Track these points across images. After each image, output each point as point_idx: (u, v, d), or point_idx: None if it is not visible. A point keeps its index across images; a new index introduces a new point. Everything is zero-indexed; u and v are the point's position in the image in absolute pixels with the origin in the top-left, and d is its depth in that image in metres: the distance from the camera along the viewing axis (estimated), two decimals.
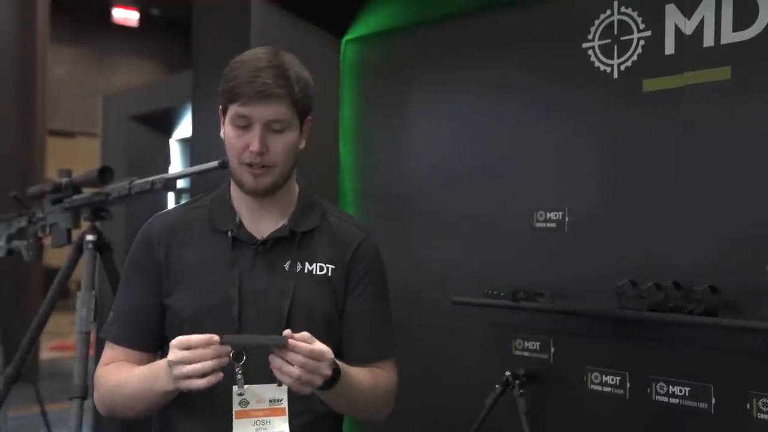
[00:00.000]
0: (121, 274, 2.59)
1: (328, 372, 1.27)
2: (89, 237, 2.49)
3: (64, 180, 2.57)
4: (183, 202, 1.57)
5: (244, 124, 1.38)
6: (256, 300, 1.42)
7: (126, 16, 9.95)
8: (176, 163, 4.54)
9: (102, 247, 2.52)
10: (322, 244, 1.49)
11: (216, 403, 1.35)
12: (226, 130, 1.41)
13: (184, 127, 4.40)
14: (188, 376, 1.25)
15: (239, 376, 1.30)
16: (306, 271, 1.45)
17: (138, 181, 2.38)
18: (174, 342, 1.27)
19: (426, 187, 2.58)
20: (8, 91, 6.91)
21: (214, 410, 1.36)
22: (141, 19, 10.20)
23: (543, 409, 2.23)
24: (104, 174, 2.46)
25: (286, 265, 1.44)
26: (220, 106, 1.43)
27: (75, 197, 2.54)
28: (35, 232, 2.74)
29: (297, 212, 1.49)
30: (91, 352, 2.46)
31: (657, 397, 2.01)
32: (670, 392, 1.98)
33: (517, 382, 2.19)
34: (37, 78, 7.11)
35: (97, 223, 2.53)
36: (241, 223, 1.45)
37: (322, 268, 1.47)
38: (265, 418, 1.33)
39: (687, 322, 1.89)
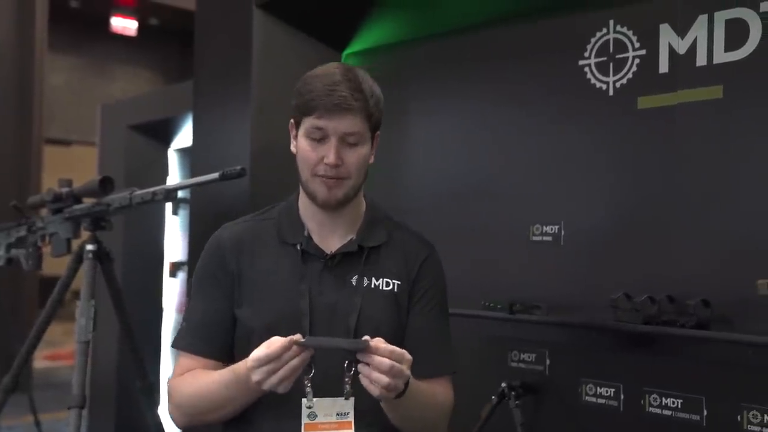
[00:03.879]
0: (121, 284, 2.63)
1: (408, 374, 1.27)
2: (89, 247, 2.51)
3: (65, 190, 2.59)
4: (251, 215, 1.56)
5: (319, 137, 1.40)
6: (324, 314, 1.42)
7: (124, 25, 9.96)
8: (174, 174, 4.55)
9: (102, 256, 2.53)
10: (389, 260, 1.49)
11: (285, 416, 1.36)
12: (300, 143, 1.42)
13: (183, 137, 4.42)
14: (280, 381, 1.25)
15: (308, 389, 1.31)
16: (373, 286, 1.46)
17: (139, 192, 2.40)
18: (252, 363, 1.25)
19: (423, 199, 2.61)
20: (5, 99, 6.93)
21: (283, 423, 1.37)
22: (139, 29, 10.22)
23: (538, 421, 2.25)
24: (105, 184, 2.48)
25: (353, 280, 1.45)
26: (291, 120, 1.45)
27: (75, 207, 2.56)
28: (35, 241, 2.75)
29: (364, 227, 1.50)
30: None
31: (650, 408, 2.03)
32: (663, 404, 2.01)
33: (513, 393, 2.21)
34: (34, 86, 7.13)
35: (97, 233, 2.54)
36: (309, 237, 1.46)
37: (388, 284, 1.47)
38: (332, 431, 1.34)
39: (680, 335, 1.92)
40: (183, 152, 4.50)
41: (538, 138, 2.31)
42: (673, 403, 1.99)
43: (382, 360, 1.23)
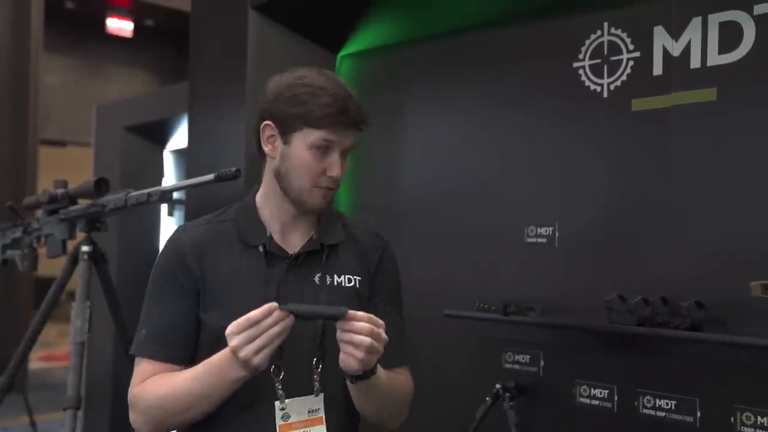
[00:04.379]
0: (116, 285, 2.63)
1: (386, 337, 1.30)
2: (85, 248, 2.51)
3: (60, 191, 2.59)
4: (206, 216, 1.54)
5: (324, 149, 1.40)
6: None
7: (120, 26, 9.95)
8: (170, 175, 4.55)
9: (97, 257, 2.53)
10: (348, 256, 1.52)
11: (258, 419, 1.37)
12: (300, 153, 1.40)
13: (179, 139, 4.41)
14: (258, 350, 1.25)
15: (279, 391, 1.36)
16: (336, 283, 1.48)
17: (134, 193, 2.40)
18: (231, 329, 1.26)
19: (419, 201, 2.62)
20: (1, 100, 6.91)
21: (253, 427, 1.38)
22: (135, 30, 10.21)
23: (532, 422, 2.26)
24: (100, 185, 2.49)
25: (317, 278, 1.47)
26: (269, 122, 1.42)
27: (71, 208, 2.56)
28: (30, 242, 2.75)
29: (323, 225, 1.51)
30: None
31: (644, 410, 2.04)
32: (657, 405, 2.02)
33: (507, 394, 2.22)
34: (30, 87, 7.12)
35: (93, 234, 2.54)
36: (271, 237, 1.46)
37: (350, 280, 1.50)
38: (305, 429, 1.38)
39: (674, 336, 1.92)
40: (178, 153, 4.50)
41: (533, 140, 2.31)
42: (667, 404, 2.00)
43: (363, 324, 1.26)
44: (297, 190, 1.43)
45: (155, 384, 1.40)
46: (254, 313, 1.26)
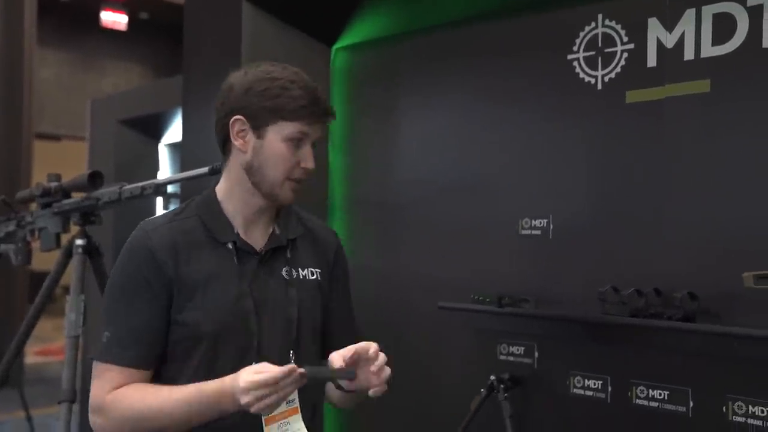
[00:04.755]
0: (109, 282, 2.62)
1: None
2: (79, 241, 2.50)
3: (54, 184, 2.58)
4: (164, 212, 1.53)
5: (298, 141, 1.42)
6: (267, 309, 1.45)
7: (114, 19, 9.92)
8: (165, 168, 4.54)
9: (91, 251, 2.53)
10: (307, 250, 1.55)
11: (245, 416, 1.37)
12: (275, 146, 1.41)
13: (173, 132, 4.41)
14: (269, 405, 1.28)
15: None
16: (301, 276, 1.51)
17: (128, 187, 2.39)
18: (248, 385, 1.27)
19: (414, 193, 2.62)
20: None
21: (239, 419, 1.39)
22: (130, 23, 10.18)
23: (527, 413, 2.27)
24: (94, 179, 2.48)
25: (284, 272, 1.49)
26: (240, 117, 1.42)
27: (64, 202, 2.55)
28: (24, 236, 2.74)
29: (283, 219, 1.54)
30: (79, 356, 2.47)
31: (637, 400, 2.05)
32: (650, 396, 2.03)
33: (502, 386, 2.22)
34: (24, 81, 7.09)
35: (87, 228, 2.54)
36: (238, 234, 1.47)
37: (312, 273, 1.53)
38: (285, 420, 1.41)
39: (667, 327, 1.93)
40: (173, 147, 4.49)
41: (528, 132, 2.32)
42: (660, 394, 2.01)
43: (380, 358, 1.37)
44: (270, 183, 1.44)
45: (133, 396, 1.38)
46: (276, 374, 1.27)
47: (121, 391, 1.39)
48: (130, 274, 1.42)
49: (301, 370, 1.29)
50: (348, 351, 1.34)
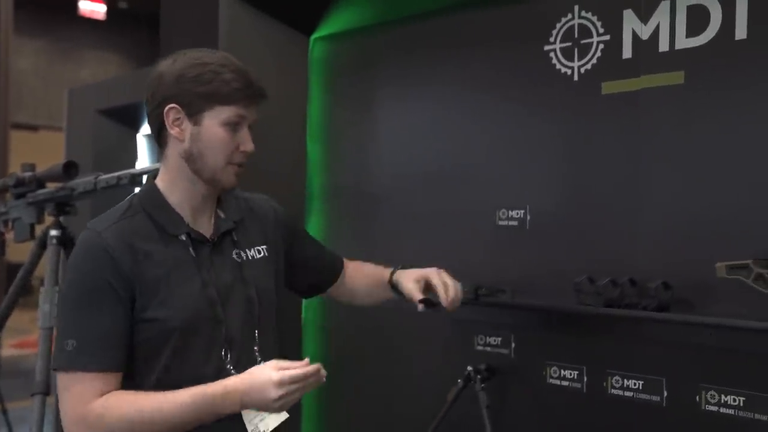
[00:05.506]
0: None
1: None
2: (53, 232, 2.48)
3: (28, 174, 2.56)
4: (108, 212, 1.49)
5: (235, 124, 1.42)
6: (228, 294, 1.46)
7: (93, 8, 9.79)
8: (143, 159, 4.50)
9: (66, 242, 2.50)
10: (249, 228, 1.57)
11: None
12: (214, 131, 1.41)
13: None
14: (295, 401, 1.34)
15: (232, 372, 1.43)
16: (249, 257, 1.53)
17: (104, 176, 2.37)
18: (281, 381, 1.31)
19: (391, 184, 2.62)
20: None
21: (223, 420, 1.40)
22: (108, 12, 10.06)
23: (503, 403, 2.28)
24: (69, 169, 2.45)
25: (234, 255, 1.50)
26: (174, 105, 1.40)
27: (39, 192, 2.52)
28: None
29: (225, 203, 1.55)
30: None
31: (612, 390, 2.07)
32: (625, 386, 2.04)
33: (479, 376, 2.23)
34: (0, 70, 6.98)
35: (62, 218, 2.51)
36: (188, 224, 1.47)
37: (259, 251, 1.56)
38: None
39: (641, 317, 1.95)
40: (152, 137, 4.44)
41: (504, 123, 2.32)
42: (635, 384, 2.03)
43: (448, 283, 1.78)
44: (211, 169, 1.43)
45: (119, 403, 1.34)
46: (307, 371, 1.33)
47: (107, 401, 1.34)
48: (88, 277, 1.38)
49: (324, 372, 1.36)
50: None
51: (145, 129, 4.51)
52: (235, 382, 1.35)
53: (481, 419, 2.15)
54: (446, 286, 1.73)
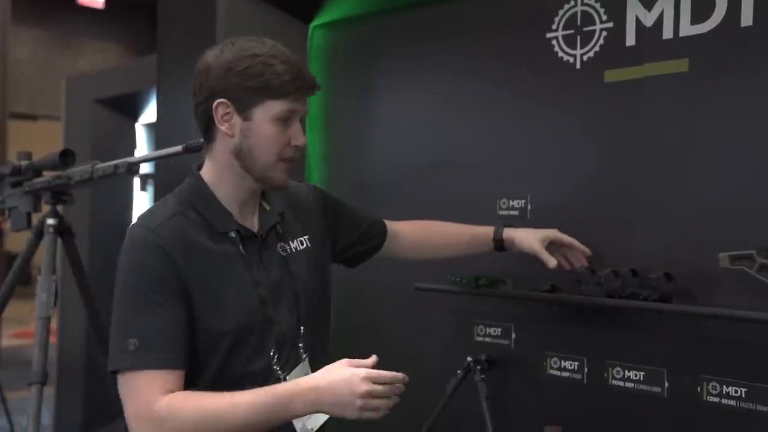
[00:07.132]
0: (84, 261, 2.58)
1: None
2: (50, 221, 2.46)
3: (24, 163, 2.54)
4: (157, 205, 1.46)
5: (286, 119, 1.37)
6: (277, 291, 1.44)
7: None
8: (142, 148, 4.48)
9: (63, 231, 2.49)
10: (293, 219, 1.54)
11: None
12: (264, 127, 1.36)
13: (150, 112, 4.34)
14: (374, 408, 1.28)
15: (279, 374, 1.43)
16: (293, 249, 1.50)
17: (100, 165, 2.36)
18: (369, 375, 1.28)
19: (391, 173, 2.59)
20: None
21: None
22: (107, 2, 10.00)
23: (503, 394, 2.27)
24: (65, 157, 2.44)
25: (279, 249, 1.48)
26: (223, 100, 1.35)
27: (35, 180, 2.50)
28: None
29: (270, 194, 1.51)
30: (52, 339, 2.43)
31: (613, 381, 2.05)
32: (626, 377, 2.03)
33: (479, 367, 2.22)
34: None
35: (59, 207, 2.50)
36: (236, 220, 1.44)
37: (302, 243, 1.52)
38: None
39: (643, 308, 1.93)
40: (150, 127, 4.43)
41: (506, 111, 2.29)
42: (636, 375, 2.01)
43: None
44: (263, 166, 1.40)
45: (185, 404, 1.29)
46: (394, 374, 1.31)
47: (172, 401, 1.30)
48: (149, 276, 1.33)
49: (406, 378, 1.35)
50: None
51: (144, 118, 4.49)
52: (309, 380, 1.29)
53: (480, 410, 2.14)
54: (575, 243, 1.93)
